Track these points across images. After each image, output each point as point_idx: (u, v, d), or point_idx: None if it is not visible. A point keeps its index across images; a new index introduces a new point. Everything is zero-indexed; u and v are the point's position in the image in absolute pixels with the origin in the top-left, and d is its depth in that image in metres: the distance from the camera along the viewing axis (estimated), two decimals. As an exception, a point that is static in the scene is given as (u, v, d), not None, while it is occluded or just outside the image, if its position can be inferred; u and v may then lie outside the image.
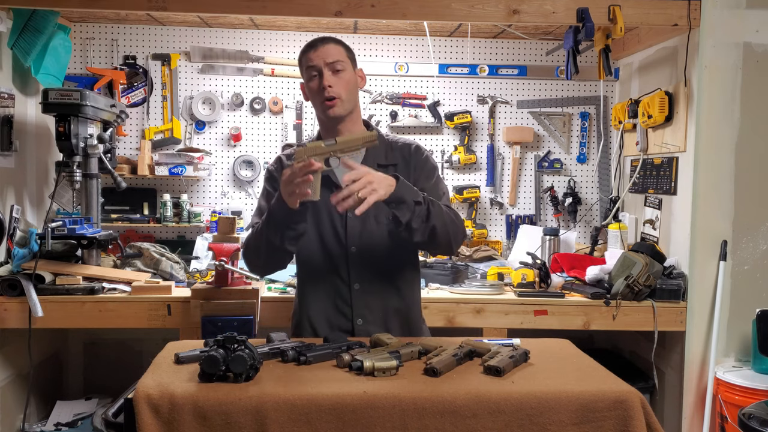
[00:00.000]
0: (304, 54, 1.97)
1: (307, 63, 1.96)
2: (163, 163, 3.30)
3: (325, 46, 1.95)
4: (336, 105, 1.93)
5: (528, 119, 3.62)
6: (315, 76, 1.94)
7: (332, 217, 1.97)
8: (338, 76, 1.93)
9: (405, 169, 2.02)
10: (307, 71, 1.96)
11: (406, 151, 2.05)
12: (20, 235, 2.74)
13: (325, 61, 1.92)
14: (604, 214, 3.50)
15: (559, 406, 1.46)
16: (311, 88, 1.96)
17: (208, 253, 3.01)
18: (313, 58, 1.94)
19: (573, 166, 3.64)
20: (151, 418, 1.42)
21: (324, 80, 1.92)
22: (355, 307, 1.98)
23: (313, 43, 1.97)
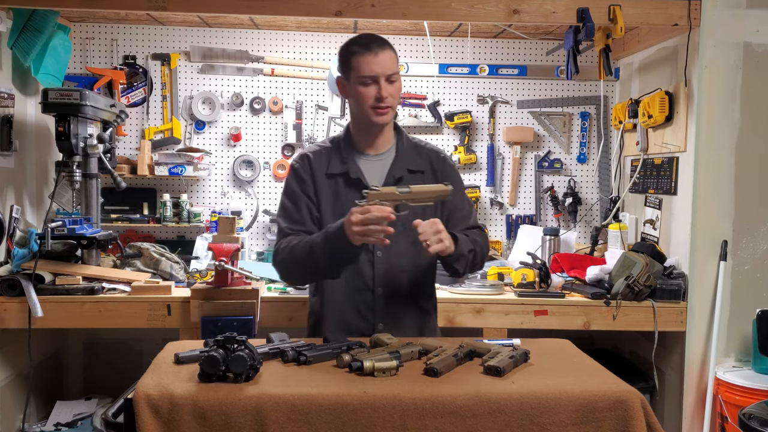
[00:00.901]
0: (360, 56, 1.90)
1: (362, 69, 1.90)
2: (163, 163, 3.30)
3: (384, 53, 1.91)
4: (387, 114, 1.93)
5: (528, 119, 3.62)
6: (370, 83, 1.90)
7: None
8: (393, 86, 1.92)
9: (431, 178, 2.01)
10: (361, 77, 1.90)
11: (434, 158, 2.05)
12: (20, 235, 2.74)
13: (383, 71, 1.89)
14: (604, 214, 3.49)
15: (560, 406, 1.46)
16: (363, 93, 1.91)
17: (207, 253, 3.01)
18: (373, 66, 1.89)
19: (573, 166, 3.64)
20: (151, 418, 1.42)
21: (382, 90, 1.89)
22: (377, 312, 1.97)
23: (368, 46, 1.91)
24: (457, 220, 2.03)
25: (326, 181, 1.98)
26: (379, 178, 1.97)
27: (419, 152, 2.05)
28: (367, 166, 1.99)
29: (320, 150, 2.03)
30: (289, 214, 1.99)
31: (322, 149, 2.03)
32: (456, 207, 2.04)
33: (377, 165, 2.00)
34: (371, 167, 1.99)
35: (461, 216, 2.05)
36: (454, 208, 2.04)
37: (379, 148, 2.01)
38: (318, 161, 2.00)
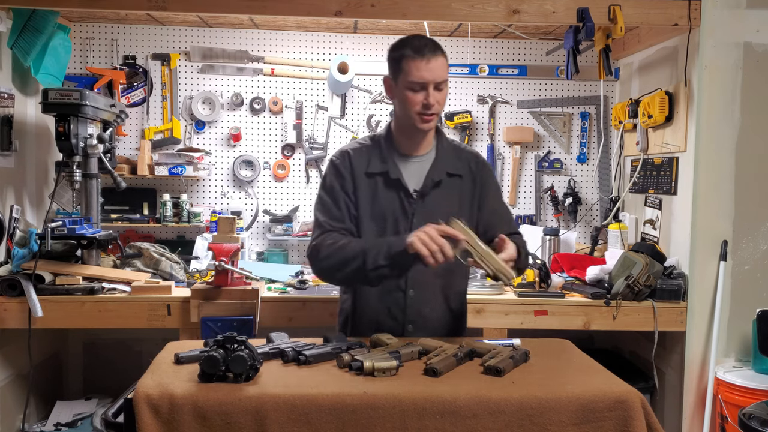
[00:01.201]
0: (411, 61, 1.87)
1: (413, 73, 1.86)
2: (163, 163, 3.30)
3: (436, 60, 1.87)
4: (432, 121, 1.93)
5: (528, 119, 3.62)
6: (418, 89, 1.88)
7: (397, 222, 1.95)
8: (441, 93, 1.91)
9: (470, 182, 2.01)
10: (410, 82, 1.88)
11: (473, 162, 2.04)
12: (20, 235, 2.74)
13: (434, 79, 1.87)
14: (604, 214, 3.49)
15: (560, 406, 1.46)
16: (410, 98, 1.89)
17: (207, 253, 3.01)
18: (424, 72, 1.86)
19: (573, 166, 3.64)
20: (151, 418, 1.42)
21: (430, 98, 1.87)
22: (408, 314, 1.97)
23: (422, 50, 1.87)
24: (497, 223, 2.01)
25: (365, 180, 1.97)
26: (418, 179, 1.97)
27: (458, 155, 2.04)
28: (406, 167, 1.99)
29: (361, 148, 2.02)
30: (328, 210, 1.97)
31: (363, 147, 2.02)
32: (495, 210, 2.04)
33: (417, 167, 1.99)
34: (411, 168, 1.99)
35: (499, 219, 2.03)
36: (493, 211, 2.03)
37: (420, 150, 2.01)
38: (358, 159, 1.99)
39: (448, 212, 1.94)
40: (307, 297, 2.76)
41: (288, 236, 3.44)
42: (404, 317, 1.97)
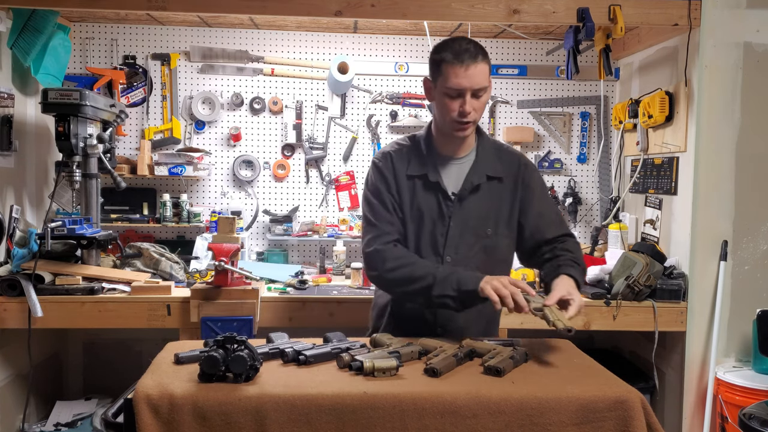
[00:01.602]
0: (452, 65, 1.82)
1: (451, 79, 1.83)
2: (163, 163, 3.30)
3: (477, 66, 1.82)
4: (468, 129, 1.90)
5: (528, 119, 3.62)
6: (456, 96, 1.85)
7: (434, 224, 1.94)
8: (479, 101, 1.87)
9: (511, 185, 1.98)
10: (447, 88, 1.84)
11: (515, 165, 2.01)
12: (20, 235, 2.74)
13: (472, 86, 1.83)
14: (604, 214, 3.49)
15: (560, 406, 1.46)
16: (447, 104, 1.86)
17: (207, 253, 3.01)
18: (462, 79, 1.82)
19: (573, 166, 3.64)
20: (150, 418, 1.42)
21: (466, 105, 1.84)
22: (439, 317, 1.96)
23: (461, 56, 1.82)
24: (544, 226, 1.99)
25: (406, 182, 1.96)
26: (457, 182, 1.96)
27: (500, 157, 2.01)
28: (446, 170, 1.97)
29: (401, 149, 2.01)
30: (378, 213, 1.95)
31: (403, 148, 2.01)
32: (541, 213, 2.00)
33: (456, 169, 1.98)
34: (450, 171, 1.97)
35: (547, 222, 2.00)
36: (538, 214, 1.99)
37: (460, 153, 1.99)
38: (399, 161, 1.98)
39: (486, 216, 1.95)
40: (307, 297, 2.76)
41: (288, 236, 3.44)
42: (435, 320, 1.96)
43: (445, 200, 1.94)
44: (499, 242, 1.98)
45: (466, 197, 1.94)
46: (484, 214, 1.95)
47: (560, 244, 1.98)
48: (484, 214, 1.95)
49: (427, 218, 1.94)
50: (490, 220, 1.95)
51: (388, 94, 3.55)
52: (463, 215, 1.93)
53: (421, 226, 1.95)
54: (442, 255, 1.94)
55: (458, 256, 1.94)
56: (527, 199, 1.99)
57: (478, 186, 1.95)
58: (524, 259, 2.09)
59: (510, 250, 2.03)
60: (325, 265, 3.34)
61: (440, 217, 1.94)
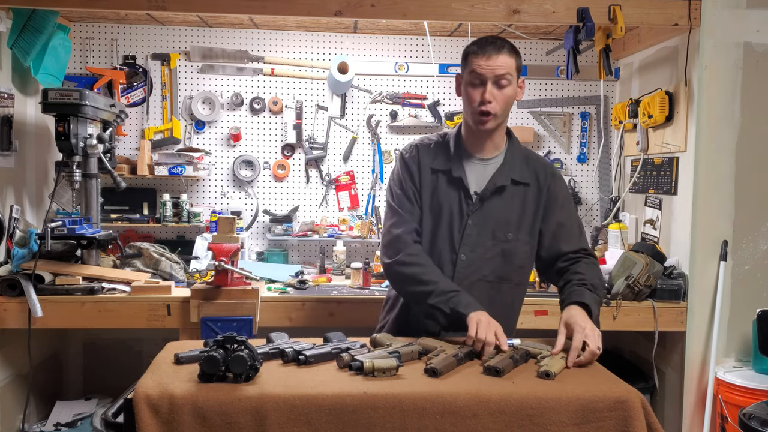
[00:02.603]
0: (474, 55, 1.87)
1: (473, 67, 1.86)
2: (163, 163, 3.30)
3: (499, 56, 1.84)
4: (489, 121, 1.89)
5: (528, 119, 3.62)
6: (477, 84, 1.87)
7: (451, 220, 1.94)
8: (501, 92, 1.87)
9: (535, 192, 1.97)
10: (470, 74, 1.87)
11: (541, 173, 2.00)
12: (20, 235, 2.74)
13: (493, 73, 1.84)
14: (604, 214, 3.49)
15: (560, 406, 1.46)
16: (470, 94, 1.89)
17: (207, 253, 3.01)
18: (483, 66, 1.84)
19: (573, 166, 3.64)
20: (150, 418, 1.42)
21: (486, 94, 1.85)
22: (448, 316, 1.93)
23: (485, 47, 1.86)
24: (563, 237, 1.97)
25: (429, 175, 1.97)
26: (481, 182, 1.95)
27: (527, 163, 2.00)
28: (471, 168, 1.97)
29: (429, 144, 2.02)
30: (402, 202, 1.97)
31: (432, 143, 2.03)
32: (562, 223, 1.98)
33: (482, 169, 1.97)
34: (475, 170, 1.97)
35: (567, 234, 1.98)
36: (560, 224, 1.98)
37: (487, 153, 1.98)
38: (425, 154, 1.99)
39: (507, 220, 1.93)
40: (307, 297, 2.76)
41: (288, 236, 3.44)
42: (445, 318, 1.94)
43: (466, 198, 1.94)
44: (519, 248, 1.96)
45: (488, 198, 1.94)
46: (506, 217, 1.93)
47: (574, 264, 1.95)
48: (506, 218, 1.93)
49: (446, 213, 1.94)
50: (512, 225, 1.94)
51: (388, 94, 3.54)
52: (482, 215, 1.93)
53: (439, 221, 1.95)
54: (457, 252, 1.93)
55: (474, 255, 1.93)
56: (550, 208, 1.97)
57: (501, 188, 1.94)
58: (541, 271, 2.08)
59: (530, 258, 2.01)
60: (325, 265, 3.34)
61: (459, 214, 1.93)
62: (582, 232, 2.05)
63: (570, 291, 1.87)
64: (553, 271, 2.00)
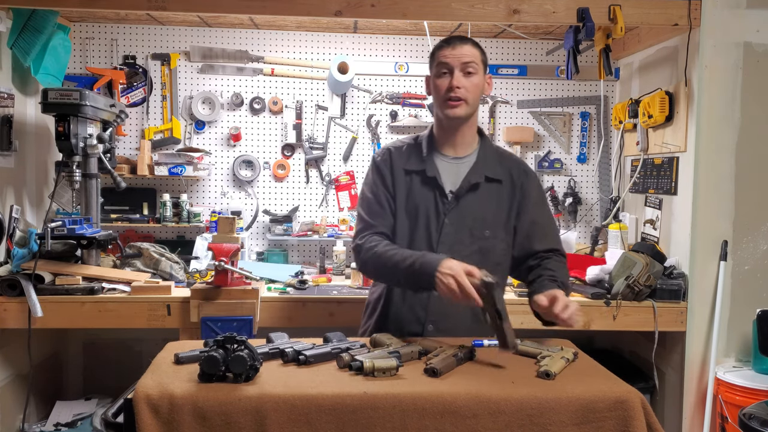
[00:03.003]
0: (439, 49, 1.95)
1: (439, 59, 1.93)
2: (163, 163, 3.30)
3: (463, 46, 1.92)
4: (459, 107, 1.92)
5: (528, 119, 3.62)
6: (445, 73, 1.92)
7: (428, 221, 1.95)
8: (468, 79, 1.92)
9: (509, 189, 1.99)
10: (437, 67, 1.94)
11: (515, 171, 2.02)
12: (20, 235, 2.74)
13: (460, 60, 1.90)
14: (604, 214, 3.49)
15: (560, 406, 1.46)
16: (438, 84, 1.94)
17: (207, 253, 3.01)
18: (448, 55, 1.91)
19: (573, 166, 3.64)
20: (150, 418, 1.42)
21: (454, 80, 1.90)
22: (430, 313, 1.96)
23: (450, 40, 1.95)
24: (536, 236, 1.98)
25: (403, 177, 1.98)
26: (455, 180, 1.97)
27: (501, 161, 2.02)
28: (445, 167, 1.98)
29: (402, 146, 2.04)
30: (370, 207, 1.99)
31: (404, 145, 2.04)
32: (535, 222, 1.99)
33: (455, 167, 1.99)
34: (449, 169, 1.98)
35: (541, 233, 1.99)
36: (533, 222, 1.99)
37: (460, 151, 2.00)
38: (398, 156, 2.01)
39: (484, 217, 1.94)
40: (307, 297, 2.76)
41: (288, 236, 3.44)
42: (426, 316, 1.96)
43: (441, 197, 1.95)
44: (496, 246, 1.98)
45: (464, 196, 1.95)
46: (482, 215, 1.95)
47: (546, 261, 1.96)
48: (482, 216, 1.95)
49: (422, 214, 1.95)
50: (488, 222, 1.95)
51: (388, 94, 3.54)
52: (459, 214, 1.94)
53: (416, 222, 1.96)
54: (435, 251, 1.94)
55: (453, 255, 1.92)
56: (524, 205, 1.99)
57: (476, 186, 1.96)
58: (511, 268, 2.07)
59: (506, 255, 2.02)
60: (325, 265, 3.34)
61: (436, 214, 1.94)
62: (556, 231, 2.07)
63: (542, 284, 1.88)
64: (524, 268, 2.01)
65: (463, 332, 1.96)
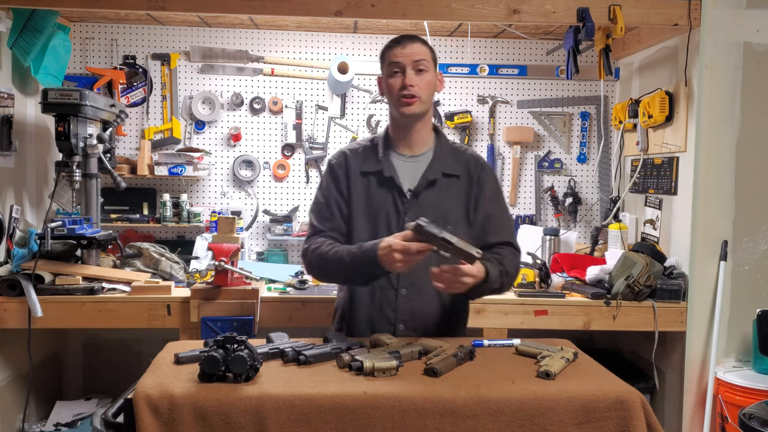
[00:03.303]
0: (389, 49, 1.96)
1: (391, 58, 1.95)
2: (163, 163, 3.30)
3: (412, 44, 1.94)
4: (414, 104, 1.93)
5: (528, 119, 3.62)
6: (397, 72, 1.93)
7: (389, 221, 1.95)
8: (420, 76, 1.93)
9: (467, 183, 2.00)
10: (389, 66, 1.95)
11: (472, 165, 2.02)
12: (20, 235, 2.74)
13: (411, 59, 1.92)
14: (604, 214, 3.49)
15: (560, 406, 1.46)
16: (391, 84, 1.95)
17: (207, 253, 3.01)
18: (399, 54, 1.93)
19: (573, 166, 3.64)
20: (150, 418, 1.42)
21: (407, 78, 1.91)
22: (400, 312, 1.96)
23: (399, 39, 1.96)
24: (491, 229, 1.98)
25: (360, 179, 1.98)
26: (413, 179, 1.97)
27: (457, 157, 2.02)
28: (402, 166, 1.99)
29: (358, 148, 2.04)
30: (319, 211, 2.00)
31: (360, 147, 2.05)
32: (490, 215, 2.00)
33: (412, 166, 1.99)
34: (406, 167, 1.99)
35: (495, 226, 1.99)
36: (488, 216, 1.99)
37: (415, 149, 2.01)
38: (354, 159, 2.01)
39: (443, 213, 1.94)
40: (306, 297, 2.76)
41: (288, 236, 3.44)
42: (396, 316, 1.96)
43: (400, 196, 1.96)
44: None
45: (422, 193, 1.96)
46: (442, 210, 1.95)
47: (498, 249, 1.96)
48: (442, 211, 1.94)
49: (382, 214, 1.96)
50: (449, 217, 1.95)
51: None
52: (419, 211, 1.93)
53: (377, 223, 1.96)
54: None
55: None
56: (480, 199, 1.99)
57: (434, 182, 1.96)
58: None
59: None
60: (325, 265, 3.33)
61: (396, 213, 1.95)
62: (510, 224, 2.07)
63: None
64: None
65: (434, 330, 1.98)
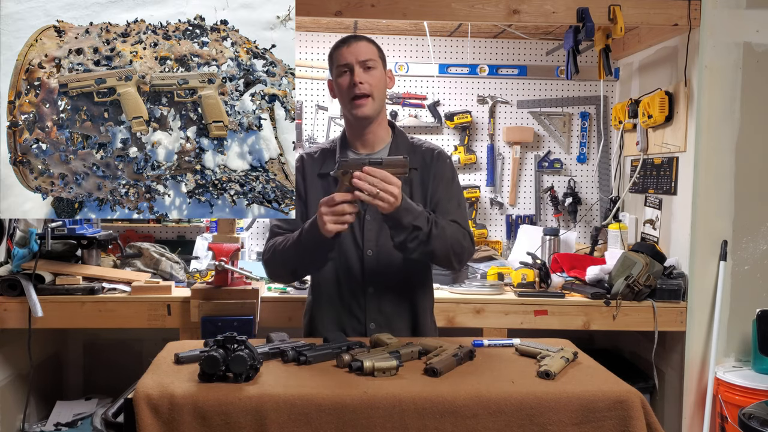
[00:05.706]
0: (336, 50, 1.95)
1: (338, 59, 1.93)
2: (163, 163, 3.29)
3: (358, 43, 1.93)
4: (366, 105, 1.91)
5: (528, 119, 3.62)
6: (345, 72, 1.92)
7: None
8: (369, 74, 1.91)
9: (424, 173, 1.99)
10: (337, 68, 1.93)
11: (428, 156, 2.02)
12: (20, 235, 2.74)
13: (357, 58, 1.90)
14: (604, 214, 3.49)
15: (559, 406, 1.46)
16: (340, 84, 1.93)
17: (207, 253, 3.01)
18: (345, 54, 1.91)
19: (573, 166, 3.64)
20: (151, 418, 1.42)
21: (355, 77, 1.89)
22: (369, 311, 1.96)
23: (345, 39, 1.95)
24: (440, 211, 1.97)
25: (318, 181, 1.98)
26: None
27: (414, 151, 2.02)
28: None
29: (316, 151, 2.05)
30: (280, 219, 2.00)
31: (318, 150, 2.05)
32: (442, 198, 1.99)
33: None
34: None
35: (444, 209, 1.97)
36: (440, 198, 1.99)
37: (372, 147, 2.00)
38: (311, 162, 2.01)
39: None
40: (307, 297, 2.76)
41: (288, 236, 3.43)
42: (365, 316, 1.96)
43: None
44: None
45: None
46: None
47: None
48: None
49: None
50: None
51: (388, 94, 3.54)
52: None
53: None
54: (362, 248, 1.95)
55: (379, 249, 1.94)
56: (433, 187, 1.98)
57: None
58: None
59: None
60: (325, 265, 3.33)
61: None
62: (462, 209, 2.03)
63: None
64: None
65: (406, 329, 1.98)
